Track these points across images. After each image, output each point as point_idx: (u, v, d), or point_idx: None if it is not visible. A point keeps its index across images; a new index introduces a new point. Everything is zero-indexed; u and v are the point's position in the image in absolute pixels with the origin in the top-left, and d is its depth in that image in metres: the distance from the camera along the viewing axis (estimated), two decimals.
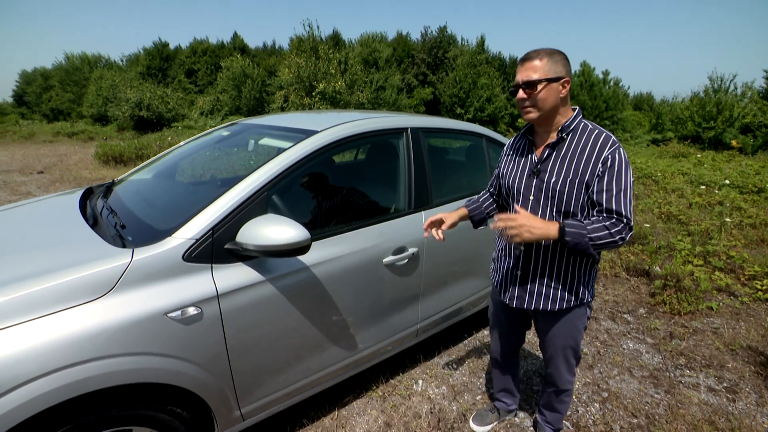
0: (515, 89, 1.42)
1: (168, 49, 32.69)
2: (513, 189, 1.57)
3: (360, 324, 1.91)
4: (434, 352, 2.63)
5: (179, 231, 1.40)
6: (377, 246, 1.87)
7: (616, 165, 1.33)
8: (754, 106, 18.35)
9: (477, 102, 24.10)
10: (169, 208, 1.80)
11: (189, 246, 1.39)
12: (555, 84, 1.36)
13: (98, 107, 24.06)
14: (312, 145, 1.75)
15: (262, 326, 1.55)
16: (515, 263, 1.60)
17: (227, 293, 1.43)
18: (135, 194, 2.02)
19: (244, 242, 1.43)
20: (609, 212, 1.32)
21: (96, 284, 1.22)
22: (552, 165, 1.44)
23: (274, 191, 1.65)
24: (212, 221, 1.44)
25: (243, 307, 1.47)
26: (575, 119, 1.44)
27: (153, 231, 1.48)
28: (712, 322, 3.10)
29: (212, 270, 1.43)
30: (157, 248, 1.35)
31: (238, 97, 24.03)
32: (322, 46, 17.59)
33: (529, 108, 1.41)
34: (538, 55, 1.36)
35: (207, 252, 1.42)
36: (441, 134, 2.46)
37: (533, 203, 1.50)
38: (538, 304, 1.57)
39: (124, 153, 10.37)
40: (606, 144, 1.36)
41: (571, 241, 1.31)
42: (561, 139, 1.44)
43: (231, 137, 2.30)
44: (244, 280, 1.48)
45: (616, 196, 1.32)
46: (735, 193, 7.35)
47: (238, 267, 1.49)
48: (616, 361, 2.59)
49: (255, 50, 33.62)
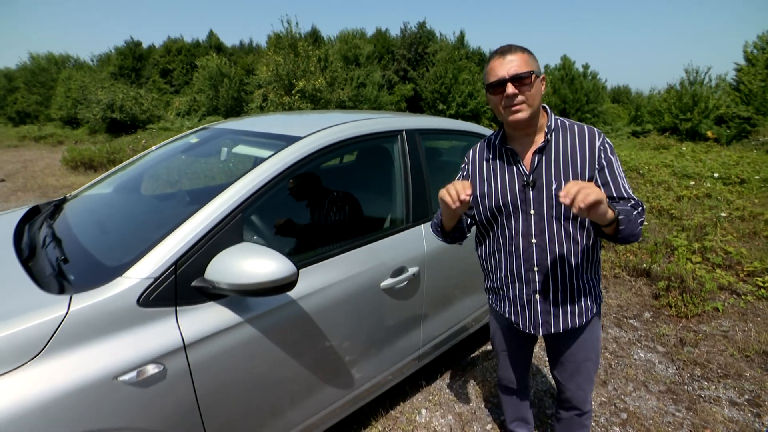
0: (497, 85, 1.23)
1: (141, 48, 31.55)
2: (505, 207, 1.35)
3: (357, 358, 1.67)
4: (436, 374, 2.41)
5: (132, 269, 1.13)
6: (373, 269, 1.63)
7: (611, 153, 1.29)
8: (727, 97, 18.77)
9: (459, 97, 23.98)
10: (124, 235, 1.51)
11: (146, 287, 1.12)
12: (538, 79, 1.25)
13: (67, 109, 23.04)
14: (294, 155, 1.49)
15: (242, 376, 1.29)
16: (530, 287, 1.38)
17: (196, 342, 1.17)
18: (87, 215, 1.72)
19: (216, 280, 1.17)
20: (621, 198, 1.27)
21: (15, 349, 0.95)
22: (547, 170, 1.30)
23: (251, 212, 1.38)
24: (174, 254, 1.18)
25: (217, 356, 1.22)
26: (552, 117, 1.33)
27: (101, 268, 1.21)
28: (720, 324, 2.97)
29: (176, 314, 1.17)
30: (104, 292, 1.08)
31: (215, 96, 23.34)
32: (301, 43, 17.15)
33: (520, 106, 1.24)
34: (517, 49, 1.25)
35: (169, 292, 1.16)
36: (438, 136, 2.23)
37: (535, 218, 1.32)
38: (566, 324, 1.39)
39: (95, 158, 9.81)
40: (594, 136, 1.30)
41: (624, 219, 1.17)
42: (548, 141, 1.31)
43: (201, 145, 2.01)
44: (217, 324, 1.22)
45: (622, 183, 1.28)
46: (720, 184, 7.39)
47: (209, 308, 1.23)
48: (630, 375, 2.42)
49: (232, 48, 32.74)
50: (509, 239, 1.38)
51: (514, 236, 1.36)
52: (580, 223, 1.31)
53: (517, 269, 1.38)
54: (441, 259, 1.93)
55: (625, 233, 1.19)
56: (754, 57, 18.77)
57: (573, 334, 1.45)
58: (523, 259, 1.36)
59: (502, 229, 1.39)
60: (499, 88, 1.23)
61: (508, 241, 1.38)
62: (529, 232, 1.33)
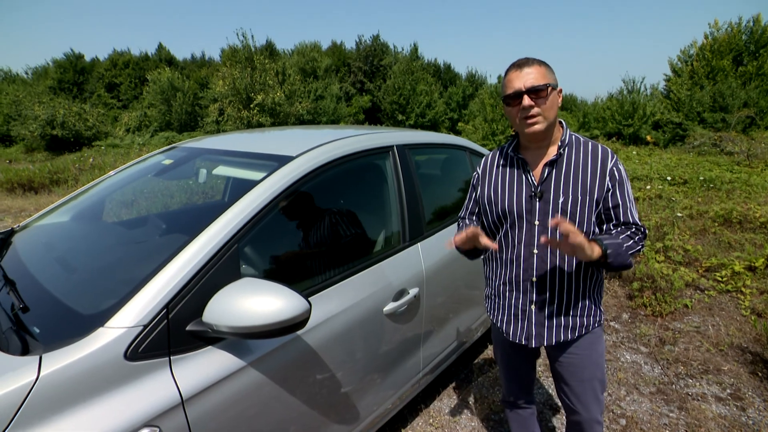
0: (514, 97, 1.24)
1: (83, 61, 29.69)
2: (510, 215, 1.36)
3: (360, 391, 1.55)
4: (434, 394, 2.33)
5: (116, 316, 0.97)
6: (376, 293, 1.54)
7: (623, 177, 1.29)
8: (661, 104, 20.42)
9: (417, 108, 24.43)
10: (100, 274, 1.32)
11: (134, 337, 0.96)
12: (555, 92, 1.26)
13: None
14: (290, 176, 1.38)
15: (245, 427, 1.15)
16: (526, 297, 1.37)
17: (195, 395, 1.02)
18: (46, 251, 1.50)
19: (216, 323, 1.03)
20: (626, 224, 1.29)
21: None
22: (555, 184, 1.30)
23: (247, 241, 1.25)
24: (166, 295, 1.03)
25: (218, 409, 1.07)
26: (567, 132, 1.33)
27: (75, 318, 1.03)
28: (692, 320, 3.12)
29: (171, 365, 1.02)
30: (83, 348, 0.91)
31: (168, 111, 22.31)
32: (258, 57, 16.81)
33: (537, 118, 1.24)
34: (534, 62, 1.25)
35: (161, 341, 1.01)
36: (425, 150, 2.18)
37: (539, 228, 1.32)
38: (559, 337, 1.37)
39: (35, 178, 9.00)
40: (607, 157, 1.29)
41: (612, 254, 1.18)
42: (560, 155, 1.30)
43: (175, 166, 1.84)
44: (216, 372, 1.07)
45: (630, 209, 1.29)
46: (666, 185, 7.94)
47: (207, 354, 1.08)
48: (621, 379, 2.46)
49: (183, 62, 31.57)
50: (511, 247, 1.37)
51: (517, 245, 1.36)
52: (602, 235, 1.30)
53: (516, 278, 1.38)
54: (439, 276, 1.87)
55: (614, 266, 1.21)
56: (679, 69, 20.62)
57: (573, 350, 1.41)
58: (522, 269, 1.35)
59: (505, 236, 1.39)
60: (516, 100, 1.23)
61: (510, 249, 1.38)
62: (532, 242, 1.33)
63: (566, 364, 1.43)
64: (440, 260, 1.90)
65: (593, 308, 1.38)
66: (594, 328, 1.40)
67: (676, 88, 19.88)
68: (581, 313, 1.36)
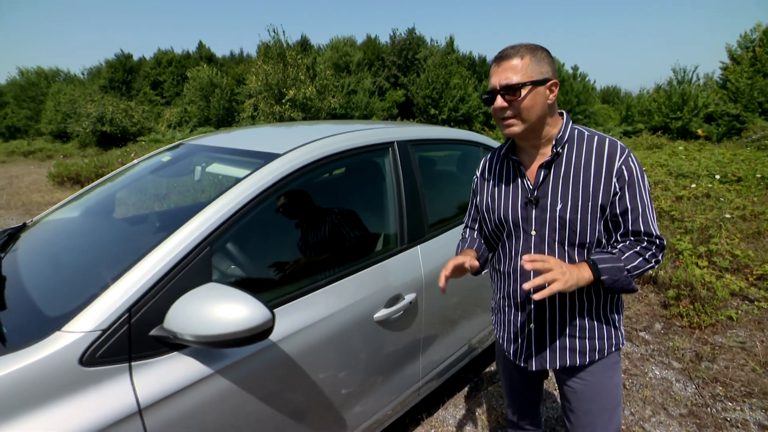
0: (490, 96, 1.11)
1: (131, 60, 31.42)
2: (506, 223, 1.22)
3: (349, 399, 1.48)
4: (438, 404, 2.22)
5: (74, 320, 0.95)
6: (366, 299, 1.45)
7: (635, 177, 1.09)
8: (716, 95, 18.89)
9: (450, 102, 23.97)
10: (74, 275, 1.31)
11: (91, 342, 0.93)
12: (541, 88, 1.08)
13: (57, 123, 22.82)
14: (272, 175, 1.31)
15: None
16: (525, 315, 1.23)
17: (155, 404, 0.98)
18: (41, 248, 1.53)
19: (178, 330, 0.98)
20: (637, 234, 1.10)
21: None
22: (553, 188, 1.14)
23: (222, 244, 1.20)
24: (129, 299, 0.99)
25: (182, 419, 1.03)
26: (567, 127, 1.15)
27: (39, 320, 1.02)
28: (736, 334, 2.82)
29: (131, 371, 0.98)
30: (35, 353, 0.89)
31: (206, 107, 23.19)
32: (290, 52, 17.04)
33: (511, 120, 1.10)
34: (517, 53, 1.08)
35: (121, 345, 0.97)
36: (432, 146, 2.06)
37: (536, 239, 1.17)
38: (563, 361, 1.21)
39: (82, 172, 9.56)
40: (614, 153, 1.10)
41: (608, 280, 1.05)
42: (557, 155, 1.14)
43: (173, 163, 1.82)
44: (181, 379, 1.03)
45: (642, 215, 1.09)
46: (717, 183, 7.30)
47: (172, 360, 1.04)
48: (647, 397, 2.24)
49: (222, 59, 32.67)
50: (508, 259, 1.25)
51: (514, 256, 1.23)
52: (588, 253, 1.14)
53: (513, 292, 1.25)
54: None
55: (613, 291, 1.08)
56: (738, 56, 18.95)
57: (582, 377, 1.24)
58: (520, 283, 1.23)
59: (503, 247, 1.27)
60: (491, 98, 1.10)
61: (507, 260, 1.25)
62: (529, 253, 1.18)
63: (573, 391, 1.27)
64: (444, 264, 1.78)
65: (607, 330, 1.21)
66: (609, 353, 1.22)
67: (734, 77, 18.29)
68: (591, 335, 1.20)
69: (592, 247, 1.14)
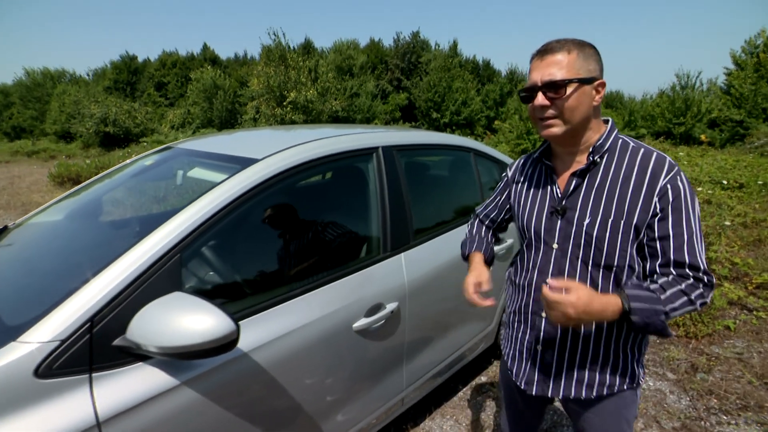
0: (529, 93, 1.01)
1: (136, 62, 31.61)
2: (528, 232, 1.14)
3: (326, 411, 1.44)
4: (424, 413, 2.18)
5: (32, 330, 0.92)
6: (344, 308, 1.42)
7: (682, 198, 0.95)
8: (719, 101, 18.77)
9: (453, 106, 23.92)
10: (40, 281, 1.27)
11: (48, 353, 0.90)
12: (587, 87, 0.97)
13: (61, 124, 22.95)
14: (247, 181, 1.28)
15: None
16: (534, 334, 1.14)
17: (114, 417, 0.95)
18: (15, 254, 1.51)
19: (140, 341, 0.95)
20: (680, 266, 0.94)
21: None
22: (583, 200, 1.03)
23: (193, 251, 1.17)
24: (91, 308, 0.97)
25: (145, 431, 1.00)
26: (610, 135, 1.04)
27: (1, 329, 0.99)
28: (733, 345, 2.76)
29: (91, 383, 0.95)
30: None
31: (209, 109, 23.24)
32: (291, 55, 17.07)
33: (552, 120, 1.00)
34: (563, 47, 0.97)
35: (82, 356, 0.94)
36: (421, 151, 2.03)
37: (557, 254, 1.07)
38: (568, 391, 1.11)
39: (82, 173, 9.59)
40: (661, 169, 0.96)
41: (639, 321, 0.91)
42: (593, 164, 1.03)
43: (155, 167, 1.80)
44: (144, 391, 1.00)
45: (688, 243, 0.94)
46: (718, 189, 7.22)
47: (136, 371, 1.01)
48: (640, 409, 2.19)
49: (226, 61, 32.81)
50: (525, 271, 1.16)
51: (530, 269, 1.14)
52: (615, 277, 1.02)
53: (525, 308, 1.16)
54: (426, 289, 1.73)
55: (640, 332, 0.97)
56: (743, 61, 18.84)
57: (592, 412, 1.14)
58: (533, 298, 1.13)
59: (521, 256, 1.19)
60: (530, 96, 1.01)
61: (524, 273, 1.17)
62: (546, 269, 1.10)
63: (580, 423, 1.18)
64: (429, 272, 1.76)
65: (623, 365, 1.07)
66: (624, 390, 1.10)
67: (738, 83, 18.17)
68: (604, 368, 1.07)
69: (620, 272, 1.02)
